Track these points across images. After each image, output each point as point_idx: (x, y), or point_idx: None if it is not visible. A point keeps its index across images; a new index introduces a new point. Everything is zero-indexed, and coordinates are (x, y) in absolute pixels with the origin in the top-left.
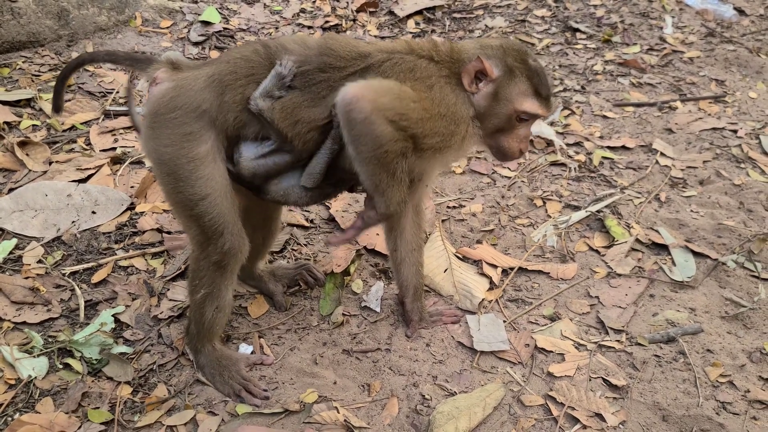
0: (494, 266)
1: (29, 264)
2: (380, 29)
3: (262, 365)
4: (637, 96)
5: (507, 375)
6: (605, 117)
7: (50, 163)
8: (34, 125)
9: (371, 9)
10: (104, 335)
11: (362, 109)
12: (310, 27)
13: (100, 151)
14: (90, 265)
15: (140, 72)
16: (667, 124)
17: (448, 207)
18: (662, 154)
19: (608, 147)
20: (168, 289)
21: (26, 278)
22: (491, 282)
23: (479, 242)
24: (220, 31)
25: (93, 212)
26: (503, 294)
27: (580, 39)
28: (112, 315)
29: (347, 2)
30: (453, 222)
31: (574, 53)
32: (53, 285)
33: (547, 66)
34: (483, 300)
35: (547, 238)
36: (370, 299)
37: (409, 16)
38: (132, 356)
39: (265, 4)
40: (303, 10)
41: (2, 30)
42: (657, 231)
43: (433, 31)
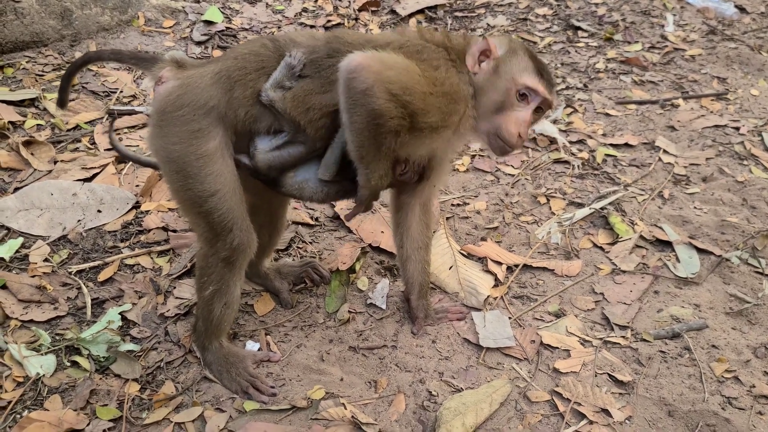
0: (499, 263)
1: (36, 262)
2: (382, 28)
3: (269, 362)
4: (640, 94)
5: (513, 371)
6: (608, 115)
7: (55, 163)
8: (39, 125)
9: (373, 8)
10: (111, 333)
11: (365, 80)
12: (313, 26)
13: (105, 151)
14: (96, 264)
15: (145, 71)
16: (670, 122)
17: (452, 205)
18: (665, 152)
19: (611, 144)
20: (174, 287)
21: (33, 277)
22: (496, 279)
23: (484, 239)
24: (223, 31)
25: (98, 211)
26: (508, 291)
27: (582, 37)
28: (119, 313)
29: (349, 1)
30: (457, 219)
31: (576, 51)
32: (60, 283)
33: (549, 64)
34: (488, 297)
35: (552, 236)
36: (376, 296)
37: (411, 15)
38: (139, 354)
39: (268, 4)
40: (305, 9)
41: (6, 30)
42: (661, 228)
43: (435, 30)
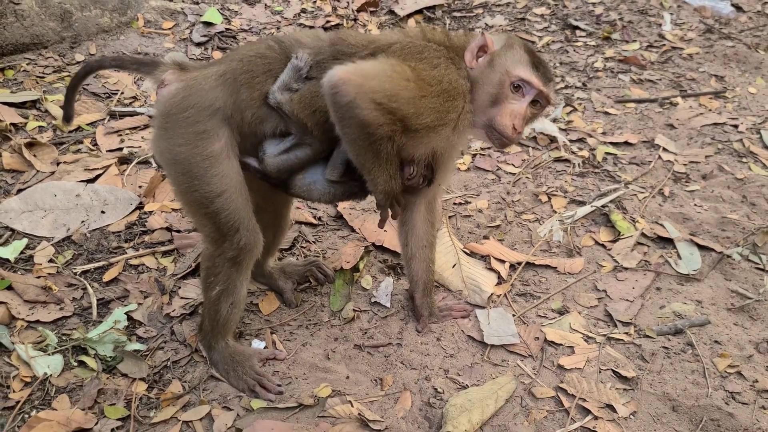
0: (502, 261)
1: (40, 263)
2: (381, 28)
3: (275, 360)
4: (638, 92)
5: (518, 368)
6: (607, 113)
7: (57, 164)
8: (41, 126)
9: (372, 8)
10: (118, 333)
11: (347, 93)
12: (312, 27)
13: (107, 152)
14: (101, 264)
15: (147, 75)
16: (669, 120)
17: (455, 203)
18: (665, 150)
19: (611, 143)
20: (179, 287)
21: (38, 277)
22: (499, 277)
23: (486, 238)
24: (222, 32)
25: (102, 212)
26: (511, 288)
27: (580, 36)
28: (125, 313)
29: (348, 2)
30: (459, 218)
31: (575, 50)
32: (65, 284)
33: (548, 63)
34: (492, 294)
35: (554, 233)
36: (380, 295)
37: (410, 15)
38: (146, 353)
39: (266, 5)
40: (304, 10)
41: (6, 32)
42: (662, 225)
43: (435, 29)
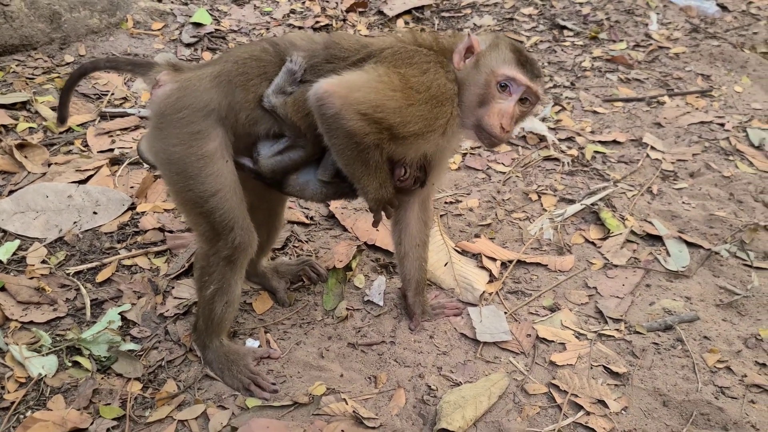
0: (493, 259)
1: (33, 264)
2: (370, 29)
3: (270, 359)
4: (626, 91)
5: (510, 365)
6: (595, 112)
7: (49, 165)
8: (31, 128)
9: (361, 9)
10: (112, 333)
11: (332, 105)
12: (301, 27)
13: (98, 153)
14: (94, 265)
15: (142, 76)
16: (656, 119)
17: (446, 202)
18: (653, 148)
19: (600, 141)
20: (173, 287)
21: (31, 278)
22: (491, 275)
23: (477, 236)
24: (212, 33)
25: (94, 213)
26: (503, 286)
27: (568, 36)
28: (119, 313)
29: (337, 2)
30: (450, 217)
31: (563, 50)
32: (58, 285)
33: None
34: (483, 292)
35: (544, 232)
36: (373, 293)
37: (399, 16)
38: (140, 353)
39: (256, 5)
40: (293, 11)
41: None
42: (651, 222)
43: (423, 30)
